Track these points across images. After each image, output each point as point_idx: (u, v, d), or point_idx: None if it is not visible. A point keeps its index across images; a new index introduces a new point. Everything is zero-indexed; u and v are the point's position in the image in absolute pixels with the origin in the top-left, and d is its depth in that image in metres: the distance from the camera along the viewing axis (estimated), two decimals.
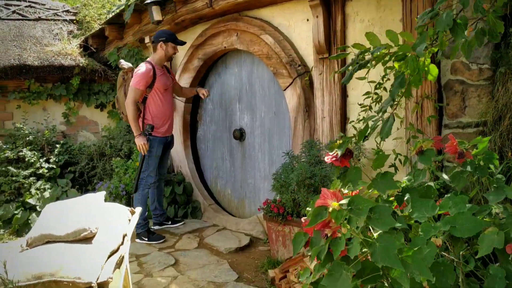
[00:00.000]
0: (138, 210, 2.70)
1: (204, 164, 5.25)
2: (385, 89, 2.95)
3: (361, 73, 2.93)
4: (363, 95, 2.61)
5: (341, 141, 1.56)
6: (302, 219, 1.85)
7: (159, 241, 4.07)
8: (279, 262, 3.40)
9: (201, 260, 3.65)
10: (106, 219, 2.28)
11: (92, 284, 1.83)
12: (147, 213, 4.31)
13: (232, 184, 4.83)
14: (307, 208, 1.95)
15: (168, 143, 4.34)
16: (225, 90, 4.80)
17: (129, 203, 4.80)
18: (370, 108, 2.91)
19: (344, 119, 3.56)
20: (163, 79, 4.07)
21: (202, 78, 5.03)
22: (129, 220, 2.46)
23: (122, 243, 2.29)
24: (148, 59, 4.11)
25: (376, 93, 2.82)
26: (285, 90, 3.92)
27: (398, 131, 3.15)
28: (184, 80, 4.97)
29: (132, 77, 4.13)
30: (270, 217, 3.37)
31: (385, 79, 2.75)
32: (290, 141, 4.06)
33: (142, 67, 3.94)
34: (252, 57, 4.43)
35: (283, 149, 4.17)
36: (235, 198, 4.81)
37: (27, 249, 2.07)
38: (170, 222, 4.55)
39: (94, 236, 2.12)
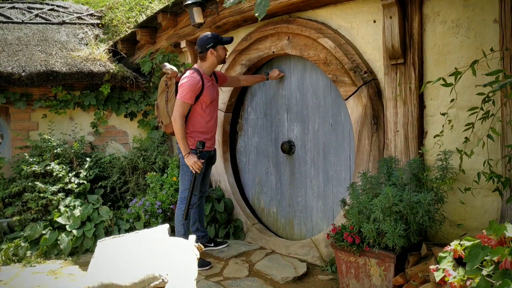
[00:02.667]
0: (193, 240, 2.28)
1: (245, 178, 4.83)
2: (493, 102, 2.54)
3: (448, 78, 2.52)
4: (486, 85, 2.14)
5: None
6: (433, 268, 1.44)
7: (205, 268, 3.66)
8: None
9: None
10: (175, 261, 1.87)
11: None
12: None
13: (278, 202, 4.40)
14: (445, 253, 1.53)
15: (210, 157, 3.93)
16: (271, 99, 4.39)
17: (165, 221, 4.40)
18: (473, 126, 2.49)
19: (421, 133, 3.13)
20: (210, 91, 3.66)
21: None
22: (198, 259, 2.05)
23: None
24: (195, 67, 3.68)
25: (482, 109, 2.40)
26: (346, 99, 3.50)
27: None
28: (225, 88, 4.57)
29: (176, 82, 3.73)
30: (340, 247, 2.94)
31: (494, 93, 2.33)
32: (352, 157, 3.63)
33: (190, 78, 3.51)
34: (304, 62, 4.01)
35: (342, 166, 3.75)
36: (281, 218, 4.38)
37: None
38: (212, 244, 4.13)
39: (165, 285, 1.70)
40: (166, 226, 2.10)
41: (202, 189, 4.01)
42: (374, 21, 3.37)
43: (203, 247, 2.18)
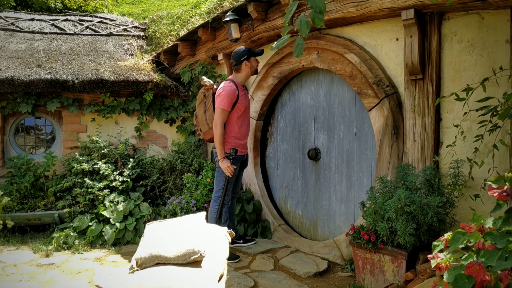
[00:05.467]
0: (225, 228, 2.63)
1: (273, 182, 5.17)
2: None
3: (461, 94, 2.79)
4: (477, 110, 2.43)
5: (510, 174, 1.41)
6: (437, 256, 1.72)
7: (235, 261, 4.00)
8: None
9: (280, 283, 3.54)
10: (210, 241, 2.22)
11: None
12: None
13: (303, 205, 4.71)
14: (438, 241, 1.81)
15: (243, 161, 4.29)
16: (299, 109, 4.72)
17: None
18: (482, 138, 2.74)
19: (437, 143, 3.38)
20: (244, 99, 4.04)
21: (275, 95, 4.98)
22: (229, 242, 2.40)
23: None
24: (230, 78, 4.09)
25: (491, 121, 2.65)
26: (370, 110, 3.79)
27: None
28: (258, 98, 4.94)
29: (212, 93, 4.13)
30: (358, 244, 3.22)
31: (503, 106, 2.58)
32: (373, 164, 3.91)
33: (227, 87, 3.91)
34: (331, 76, 4.33)
35: (364, 172, 4.03)
36: (306, 220, 4.68)
37: (138, 269, 2.03)
38: (242, 241, 4.48)
39: (202, 259, 2.06)
40: (203, 213, 2.46)
41: (234, 190, 4.36)
42: (397, 39, 3.66)
43: (234, 233, 2.53)
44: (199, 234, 2.20)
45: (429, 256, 1.98)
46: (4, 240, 4.83)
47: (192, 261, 2.03)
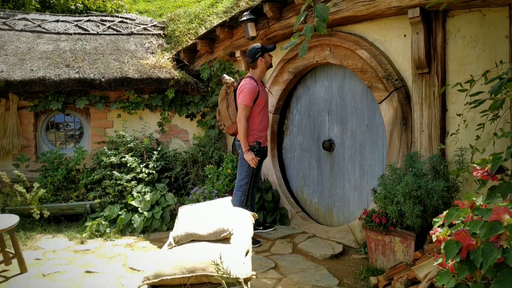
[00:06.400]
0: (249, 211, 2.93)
1: (289, 173, 5.45)
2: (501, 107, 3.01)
3: (465, 85, 3.02)
4: (471, 103, 2.66)
5: (491, 158, 1.67)
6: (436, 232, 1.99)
7: (256, 245, 4.31)
8: (378, 271, 3.51)
9: (299, 265, 3.84)
10: (237, 222, 2.52)
11: (240, 279, 2.06)
12: None
13: (319, 193, 4.99)
14: (438, 218, 2.08)
15: (264, 152, 4.58)
16: (314, 102, 4.98)
17: None
18: (483, 126, 2.98)
19: (443, 132, 3.62)
20: (264, 94, 4.34)
21: (290, 90, 5.25)
22: (253, 223, 2.70)
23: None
24: (249, 75, 4.37)
25: (492, 111, 2.88)
26: (380, 103, 4.04)
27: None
28: (274, 92, 5.21)
29: (234, 90, 4.42)
30: (370, 227, 3.50)
31: (505, 94, 2.82)
32: (384, 153, 4.16)
33: (248, 84, 4.20)
34: (344, 71, 4.58)
35: (375, 161, 4.29)
36: (322, 207, 4.96)
37: (175, 246, 2.34)
38: (261, 228, 4.78)
39: (231, 237, 2.36)
40: (230, 198, 2.77)
41: (255, 180, 4.66)
42: (405, 35, 3.89)
43: (256, 215, 2.83)
44: (227, 215, 2.51)
45: (430, 232, 2.25)
46: (41, 229, 5.22)
47: (222, 238, 2.33)
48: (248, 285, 2.16)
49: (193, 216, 2.55)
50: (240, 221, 2.59)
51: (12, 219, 3.87)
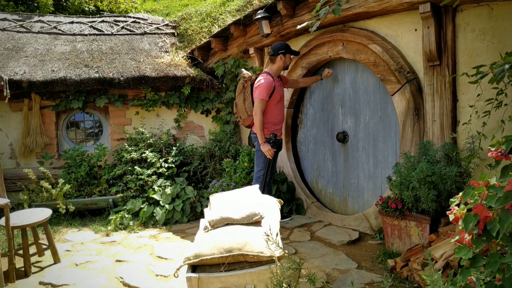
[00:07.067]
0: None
1: (304, 165, 5.64)
2: (506, 95, 3.19)
3: (472, 73, 3.19)
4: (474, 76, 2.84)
5: (503, 139, 1.85)
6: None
7: (287, 219, 4.52)
8: (394, 254, 3.70)
9: (318, 251, 4.03)
10: (266, 207, 2.72)
11: (274, 257, 2.26)
12: None
13: (334, 184, 5.17)
14: (455, 198, 2.26)
15: (279, 145, 4.77)
16: (327, 96, 5.16)
17: None
18: (489, 114, 3.15)
19: (454, 121, 3.79)
20: (279, 89, 4.52)
21: None
22: (279, 208, 2.89)
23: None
24: (266, 71, 4.56)
25: (497, 99, 3.06)
26: (393, 95, 4.21)
27: None
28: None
29: (251, 85, 4.61)
30: (386, 212, 3.68)
31: (508, 85, 3.00)
32: (397, 143, 4.34)
33: (265, 79, 4.39)
34: (356, 65, 4.76)
35: (389, 151, 4.46)
36: (337, 197, 5.15)
37: (211, 229, 2.54)
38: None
39: (262, 220, 2.55)
40: (257, 186, 2.96)
41: (272, 171, 4.86)
42: (416, 30, 4.06)
43: (282, 201, 3.02)
44: (256, 200, 2.70)
45: (447, 211, 2.43)
46: (67, 223, 5.45)
47: (254, 221, 2.53)
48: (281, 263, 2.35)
49: (224, 202, 2.74)
50: (269, 206, 2.79)
51: (46, 212, 4.10)
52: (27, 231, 3.96)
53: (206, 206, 5.48)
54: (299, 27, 3.00)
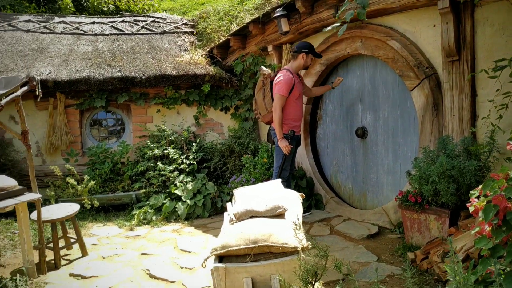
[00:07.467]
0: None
1: (323, 160, 5.71)
2: None
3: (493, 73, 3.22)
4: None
5: None
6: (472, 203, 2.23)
7: (307, 214, 4.61)
8: (413, 247, 3.75)
9: (338, 244, 4.10)
10: (288, 200, 2.81)
11: (298, 248, 2.34)
12: None
13: (353, 179, 5.23)
14: (475, 191, 2.32)
15: (297, 141, 4.85)
16: (346, 92, 5.22)
17: None
18: (506, 107, 3.19)
19: (473, 116, 3.82)
20: (299, 86, 4.60)
21: (322, 81, 5.49)
22: (301, 202, 2.97)
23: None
24: (286, 67, 4.64)
25: None
26: (411, 90, 4.25)
27: None
28: (307, 84, 5.45)
29: (270, 82, 4.69)
30: (406, 206, 3.74)
31: None
32: (416, 138, 4.38)
33: (285, 76, 4.47)
34: (375, 61, 4.80)
35: (408, 146, 4.50)
36: (356, 192, 5.21)
37: (236, 221, 2.63)
38: None
39: (285, 212, 2.64)
40: (280, 180, 3.05)
41: (290, 167, 4.93)
42: (434, 25, 4.09)
43: (304, 195, 3.10)
44: (279, 194, 2.79)
45: (467, 204, 2.49)
46: (92, 218, 5.62)
47: (278, 214, 2.62)
48: (304, 255, 2.44)
49: (248, 196, 2.84)
50: (291, 200, 2.87)
51: (74, 207, 4.26)
52: (56, 225, 4.12)
53: (227, 201, 5.63)
54: (325, 29, 3.05)
